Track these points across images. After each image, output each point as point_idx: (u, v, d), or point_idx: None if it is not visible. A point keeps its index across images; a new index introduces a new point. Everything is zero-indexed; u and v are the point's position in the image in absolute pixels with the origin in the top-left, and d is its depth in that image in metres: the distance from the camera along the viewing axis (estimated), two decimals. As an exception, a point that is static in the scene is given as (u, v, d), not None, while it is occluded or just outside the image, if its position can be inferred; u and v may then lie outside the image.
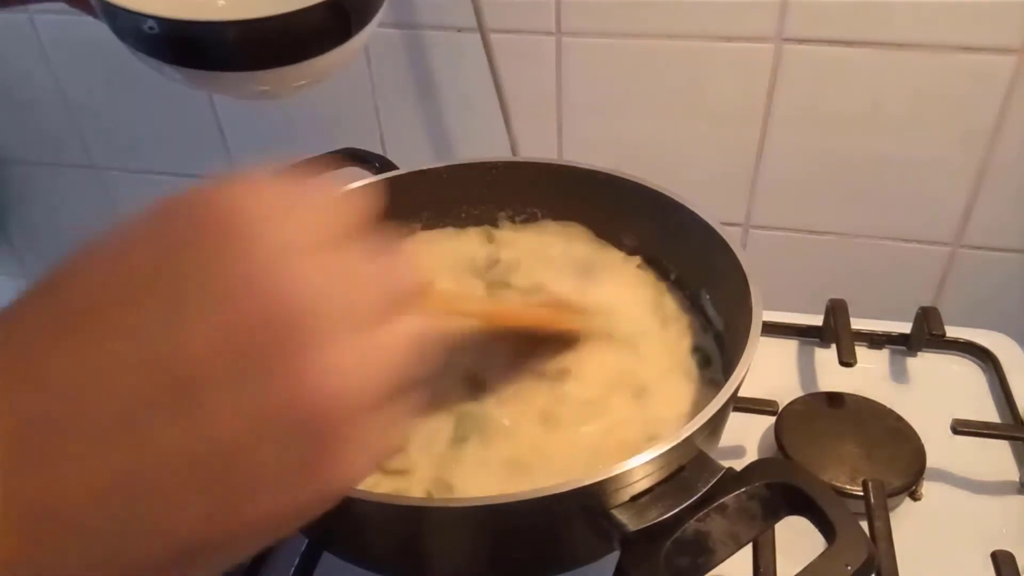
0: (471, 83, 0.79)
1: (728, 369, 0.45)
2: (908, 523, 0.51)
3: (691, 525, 0.34)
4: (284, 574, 0.48)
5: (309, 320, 0.22)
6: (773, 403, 0.56)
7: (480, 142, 0.84)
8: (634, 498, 0.35)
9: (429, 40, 0.79)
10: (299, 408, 0.22)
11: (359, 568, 0.44)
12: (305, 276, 0.23)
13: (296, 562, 0.48)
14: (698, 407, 0.46)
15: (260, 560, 0.53)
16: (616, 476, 0.34)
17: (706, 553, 0.34)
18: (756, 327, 0.42)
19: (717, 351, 0.51)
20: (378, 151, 0.64)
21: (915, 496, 0.53)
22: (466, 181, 0.60)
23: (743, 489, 0.35)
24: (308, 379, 0.22)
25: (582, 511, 0.35)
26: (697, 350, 0.51)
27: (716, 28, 0.71)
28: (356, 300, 0.24)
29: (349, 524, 0.40)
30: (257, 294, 0.22)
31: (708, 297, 0.53)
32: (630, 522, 0.34)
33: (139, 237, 0.23)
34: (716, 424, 0.39)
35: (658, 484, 0.36)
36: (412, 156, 0.63)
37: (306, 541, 0.49)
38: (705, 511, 0.34)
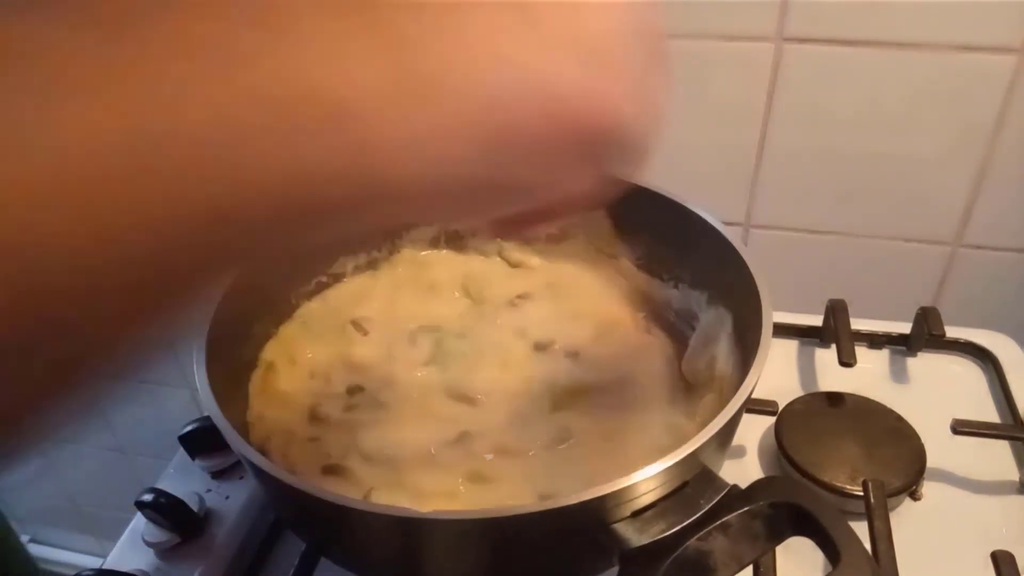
0: (471, 83, 0.78)
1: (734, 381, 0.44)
2: (908, 523, 0.51)
3: (692, 543, 0.33)
4: (283, 576, 0.48)
5: None
6: (773, 403, 0.56)
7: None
8: (636, 513, 0.35)
9: (429, 40, 0.79)
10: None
11: (356, 575, 0.44)
12: None
13: (296, 563, 0.48)
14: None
15: (259, 563, 0.53)
16: (618, 491, 0.34)
17: (707, 573, 0.33)
18: (766, 341, 0.41)
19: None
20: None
21: (915, 496, 0.53)
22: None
23: (747, 508, 0.34)
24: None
25: (583, 525, 0.35)
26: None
27: (716, 28, 0.71)
28: None
29: (347, 531, 0.40)
30: None
31: (714, 304, 0.53)
32: (631, 538, 0.34)
33: None
34: (724, 437, 0.38)
35: (661, 500, 0.35)
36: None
37: (304, 546, 0.49)
38: (707, 529, 0.34)
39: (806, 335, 0.66)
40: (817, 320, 0.65)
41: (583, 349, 0.53)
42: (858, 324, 0.62)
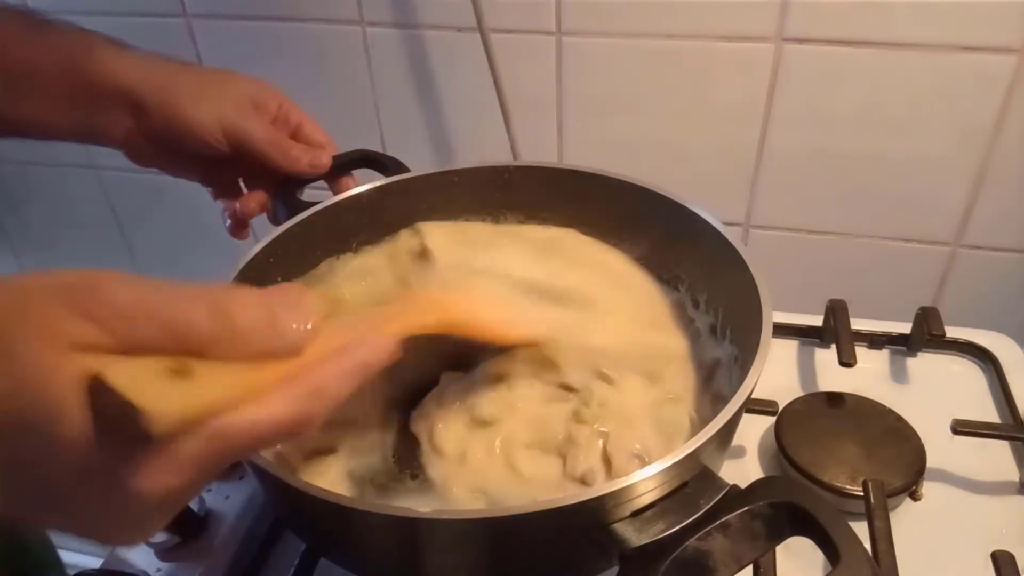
0: (471, 83, 0.79)
1: (734, 381, 0.44)
2: (908, 523, 0.51)
3: (692, 543, 0.33)
4: None
5: None
6: (773, 403, 0.56)
7: (480, 142, 0.84)
8: (635, 513, 0.35)
9: (429, 40, 0.79)
10: None
11: (355, 575, 0.44)
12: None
13: (295, 563, 0.48)
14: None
15: (259, 563, 0.53)
16: (618, 491, 0.34)
17: (706, 573, 0.33)
18: (766, 341, 0.41)
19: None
20: (378, 151, 0.64)
21: (915, 496, 0.53)
22: (477, 184, 0.59)
23: (746, 508, 0.34)
24: None
25: (583, 525, 0.35)
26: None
27: (716, 28, 0.71)
28: None
29: (347, 531, 0.40)
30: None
31: (714, 305, 0.53)
32: (630, 538, 0.34)
33: None
34: (723, 437, 0.38)
35: (660, 500, 0.35)
36: (412, 156, 0.62)
37: (303, 547, 0.49)
38: (707, 529, 0.34)
39: (806, 335, 0.66)
40: (817, 320, 0.65)
41: None
42: (858, 324, 0.62)
